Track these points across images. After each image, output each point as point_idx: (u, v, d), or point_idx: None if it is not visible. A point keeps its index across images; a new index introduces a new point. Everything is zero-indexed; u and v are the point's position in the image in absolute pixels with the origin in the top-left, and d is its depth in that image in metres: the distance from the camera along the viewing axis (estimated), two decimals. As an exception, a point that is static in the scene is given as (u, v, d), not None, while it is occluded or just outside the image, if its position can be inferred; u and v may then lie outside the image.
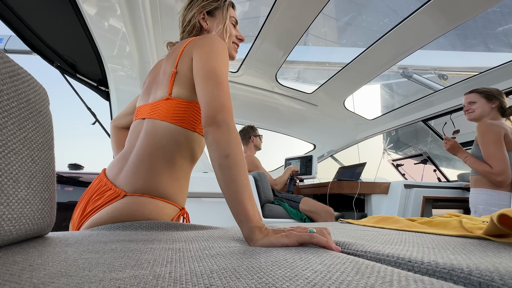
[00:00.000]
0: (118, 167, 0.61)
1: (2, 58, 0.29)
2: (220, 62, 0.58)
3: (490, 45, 2.14)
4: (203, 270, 0.25)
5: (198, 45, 0.62)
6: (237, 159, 0.47)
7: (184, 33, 0.77)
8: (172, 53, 0.68)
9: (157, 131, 0.61)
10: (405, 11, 1.35)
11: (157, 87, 0.67)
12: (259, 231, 0.42)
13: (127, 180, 0.57)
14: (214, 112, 0.51)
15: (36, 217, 0.32)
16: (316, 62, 2.25)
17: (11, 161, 0.28)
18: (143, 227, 0.49)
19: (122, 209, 0.54)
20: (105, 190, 0.57)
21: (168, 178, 0.59)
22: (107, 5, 1.26)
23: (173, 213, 0.60)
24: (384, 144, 3.54)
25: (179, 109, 0.62)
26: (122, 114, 0.88)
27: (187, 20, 0.76)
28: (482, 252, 0.38)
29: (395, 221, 0.77)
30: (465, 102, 1.51)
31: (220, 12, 0.77)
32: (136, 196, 0.55)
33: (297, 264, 0.29)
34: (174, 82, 0.63)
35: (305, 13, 1.33)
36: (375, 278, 0.24)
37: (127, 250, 0.32)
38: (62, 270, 0.23)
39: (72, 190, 1.32)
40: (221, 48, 0.61)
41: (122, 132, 0.89)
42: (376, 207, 2.13)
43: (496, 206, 1.33)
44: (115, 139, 0.89)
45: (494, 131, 1.32)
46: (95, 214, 0.55)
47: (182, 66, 0.63)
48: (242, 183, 0.45)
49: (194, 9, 0.76)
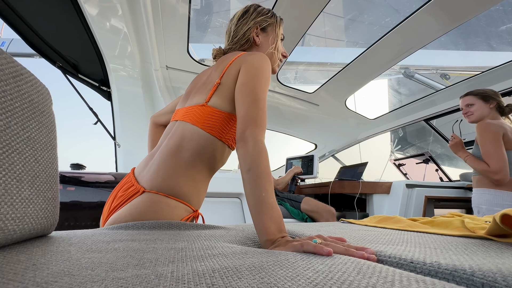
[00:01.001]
0: (144, 164, 0.64)
1: (6, 59, 0.29)
2: (263, 81, 0.61)
3: (493, 44, 2.13)
4: (205, 269, 0.25)
5: (247, 61, 0.64)
6: (257, 173, 0.49)
7: (235, 44, 0.77)
8: (221, 63, 0.70)
9: (185, 133, 0.63)
10: (407, 10, 1.34)
11: (196, 93, 0.70)
12: (271, 244, 0.43)
13: (148, 177, 0.60)
14: (245, 127, 0.54)
15: (40, 217, 0.32)
16: (317, 63, 2.24)
17: (14, 160, 0.28)
18: (146, 227, 0.50)
19: (138, 207, 0.56)
20: (128, 187, 0.61)
21: (185, 179, 0.61)
22: (109, 5, 1.26)
23: (184, 213, 0.61)
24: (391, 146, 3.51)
25: (211, 116, 0.64)
26: (162, 111, 0.91)
27: (241, 33, 0.76)
28: (484, 252, 0.38)
29: (397, 221, 0.77)
30: (462, 105, 1.52)
31: (272, 28, 0.79)
32: (152, 193, 0.57)
33: (298, 264, 0.29)
34: (215, 92, 0.65)
35: (306, 13, 1.33)
36: (376, 278, 0.24)
37: (129, 249, 0.32)
38: (65, 269, 0.23)
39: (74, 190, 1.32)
40: (267, 68, 0.64)
41: (159, 129, 0.92)
42: (378, 207, 2.12)
43: (499, 206, 1.33)
44: (151, 136, 0.91)
45: (492, 130, 1.33)
46: (119, 210, 0.58)
47: (227, 78, 0.65)
48: (260, 196, 0.47)
49: (249, 23, 0.76)
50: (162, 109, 0.91)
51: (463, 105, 1.52)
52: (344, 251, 0.36)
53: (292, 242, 0.40)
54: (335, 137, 2.96)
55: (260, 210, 0.46)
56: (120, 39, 1.44)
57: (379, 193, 2.12)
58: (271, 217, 0.45)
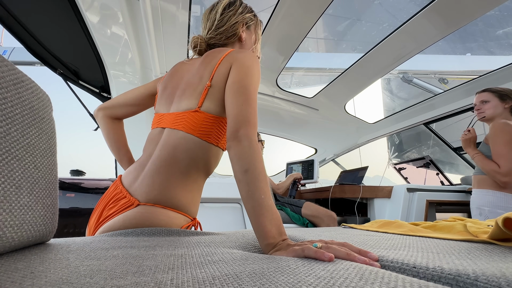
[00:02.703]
0: (134, 175, 0.61)
1: (7, 66, 0.30)
2: (255, 80, 0.60)
3: (490, 48, 2.15)
4: (205, 276, 0.25)
5: (239, 60, 0.62)
6: (255, 175, 0.47)
7: (219, 34, 0.73)
8: (209, 63, 0.65)
9: (179, 142, 0.60)
10: (404, 16, 1.36)
11: (183, 96, 0.65)
12: (272, 247, 0.43)
13: (141, 190, 0.57)
14: (238, 126, 0.52)
15: (38, 224, 0.32)
16: (316, 68, 2.26)
17: (14, 167, 0.28)
18: (145, 234, 0.49)
19: (133, 218, 0.54)
20: (120, 198, 0.58)
21: (182, 190, 0.59)
22: (110, 13, 1.28)
23: (184, 223, 0.60)
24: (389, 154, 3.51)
25: (206, 123, 0.61)
26: (116, 103, 0.80)
27: (228, 24, 0.73)
28: (488, 257, 0.37)
29: (399, 225, 0.76)
30: (477, 101, 1.47)
31: (254, 28, 0.80)
32: (148, 206, 0.56)
33: (300, 270, 0.28)
34: (207, 96, 0.62)
35: (305, 19, 1.34)
36: (379, 284, 0.24)
37: (128, 256, 0.31)
38: (64, 277, 0.23)
39: (74, 196, 1.32)
40: (258, 66, 0.63)
41: (116, 123, 0.81)
42: (379, 211, 2.11)
43: (502, 208, 1.30)
44: (109, 132, 0.80)
45: (509, 131, 1.29)
46: (109, 221, 0.56)
47: (217, 78, 0.62)
48: (259, 198, 0.45)
49: (238, 17, 0.74)
50: (115, 100, 0.81)
51: (477, 101, 1.47)
52: (346, 256, 0.36)
53: (293, 246, 0.40)
54: (335, 141, 2.96)
55: (260, 213, 0.45)
56: (121, 46, 1.46)
57: (380, 197, 2.11)
58: (271, 220, 0.44)
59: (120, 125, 0.83)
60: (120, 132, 0.82)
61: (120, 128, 0.83)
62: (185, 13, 1.32)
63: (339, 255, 0.36)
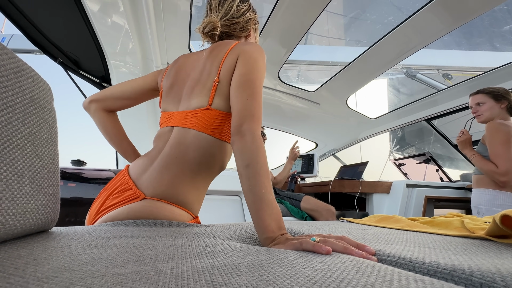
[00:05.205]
0: (142, 167, 0.60)
1: (7, 54, 0.29)
2: (260, 73, 0.59)
3: (496, 44, 2.12)
4: (204, 266, 0.25)
5: (246, 51, 0.61)
6: (256, 169, 0.47)
7: (233, 24, 0.71)
8: (216, 56, 0.64)
9: (190, 141, 0.59)
10: (410, 9, 1.33)
11: (192, 93, 0.63)
12: (271, 241, 0.43)
13: (149, 184, 0.57)
14: (242, 121, 0.52)
15: (40, 212, 0.32)
16: (319, 61, 2.23)
17: (15, 156, 0.28)
18: (146, 224, 0.50)
19: (138, 211, 0.54)
20: (125, 189, 0.58)
21: (190, 188, 0.59)
22: (110, 1, 1.26)
23: (187, 220, 0.61)
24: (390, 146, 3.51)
25: (218, 121, 0.61)
26: (112, 95, 0.75)
27: (244, 18, 0.72)
28: (484, 253, 0.38)
29: (397, 220, 0.77)
30: (472, 103, 1.47)
31: (256, 29, 0.82)
32: (154, 200, 0.56)
33: (298, 262, 0.29)
34: (216, 92, 0.61)
35: (308, 11, 1.32)
36: (375, 277, 0.24)
37: (129, 246, 0.32)
38: (66, 264, 0.23)
39: (75, 186, 1.33)
40: (264, 60, 0.62)
41: (111, 116, 0.77)
42: (378, 206, 2.13)
43: (499, 206, 1.32)
44: (106, 127, 0.76)
45: (504, 131, 1.30)
46: (112, 210, 0.56)
47: (224, 72, 0.61)
48: (260, 192, 0.46)
49: (251, 15, 0.75)
50: (108, 91, 0.76)
51: (472, 103, 1.47)
52: (343, 249, 0.36)
53: (292, 240, 0.40)
54: (336, 136, 2.96)
55: (260, 208, 0.45)
56: (122, 35, 1.44)
57: (379, 192, 2.12)
58: (270, 214, 0.45)
59: (116, 117, 0.80)
60: (117, 125, 0.79)
61: (116, 121, 0.79)
62: (186, 3, 1.29)
63: (337, 249, 0.37)
